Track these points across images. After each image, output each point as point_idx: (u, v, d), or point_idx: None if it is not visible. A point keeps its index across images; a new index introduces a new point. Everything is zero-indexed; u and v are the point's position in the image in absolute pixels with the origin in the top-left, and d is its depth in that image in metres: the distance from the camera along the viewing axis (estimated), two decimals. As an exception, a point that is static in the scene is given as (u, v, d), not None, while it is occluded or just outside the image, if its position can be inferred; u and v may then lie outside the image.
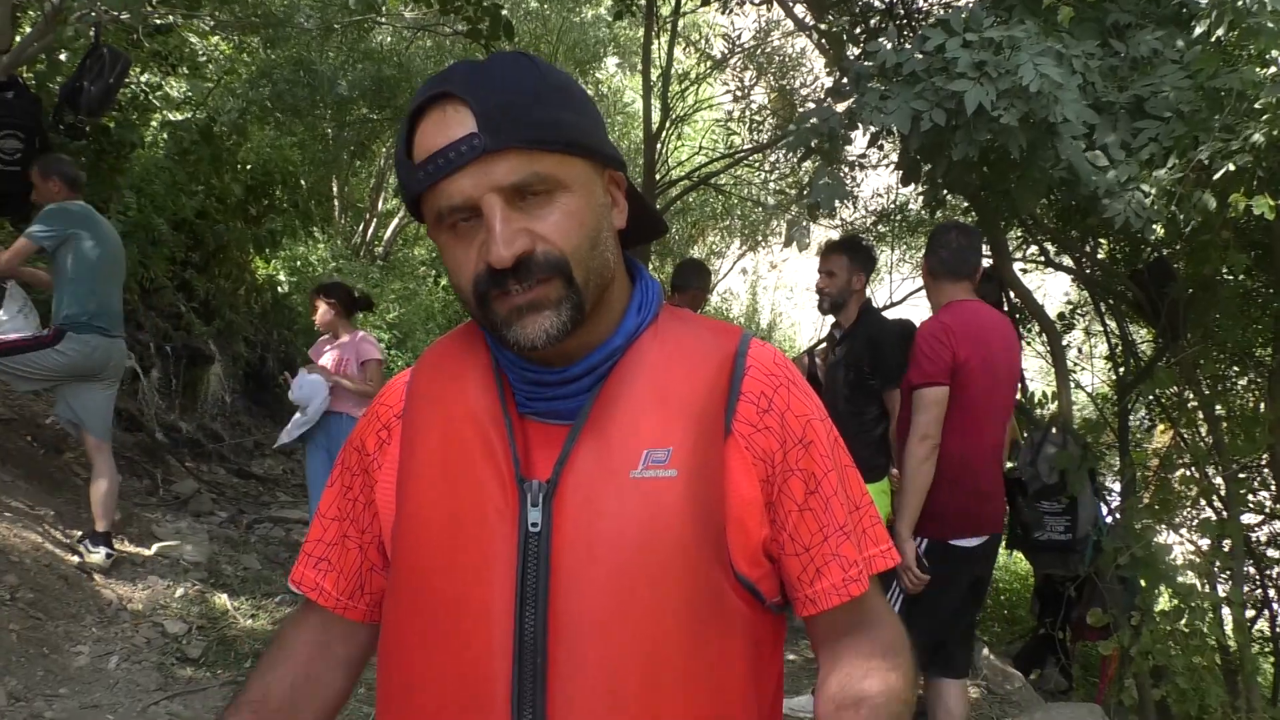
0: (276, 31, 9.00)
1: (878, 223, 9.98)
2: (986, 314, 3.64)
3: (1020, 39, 3.23)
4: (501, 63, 1.02)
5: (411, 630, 1.05)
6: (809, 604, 1.08)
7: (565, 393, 1.04)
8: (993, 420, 3.59)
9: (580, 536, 0.99)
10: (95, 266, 4.71)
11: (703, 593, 1.00)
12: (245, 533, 6.18)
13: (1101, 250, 6.25)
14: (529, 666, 0.97)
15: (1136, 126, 3.56)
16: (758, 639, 1.05)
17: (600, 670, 0.97)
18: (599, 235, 1.03)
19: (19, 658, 3.84)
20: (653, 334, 1.08)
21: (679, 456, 1.00)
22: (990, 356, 3.52)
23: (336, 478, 1.20)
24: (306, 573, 1.21)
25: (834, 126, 3.70)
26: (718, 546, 1.01)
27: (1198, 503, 6.29)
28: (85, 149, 6.96)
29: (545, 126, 0.99)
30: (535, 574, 0.98)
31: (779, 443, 1.05)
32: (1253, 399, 6.50)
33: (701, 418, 1.02)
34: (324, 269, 10.29)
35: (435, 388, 1.12)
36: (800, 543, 1.07)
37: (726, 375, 1.06)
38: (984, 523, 3.56)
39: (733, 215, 14.45)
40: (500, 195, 0.97)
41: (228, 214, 8.45)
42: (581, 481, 1.00)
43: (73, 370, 4.67)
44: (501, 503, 1.01)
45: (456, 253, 1.02)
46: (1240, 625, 5.04)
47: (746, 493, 1.03)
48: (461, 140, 0.97)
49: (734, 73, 11.94)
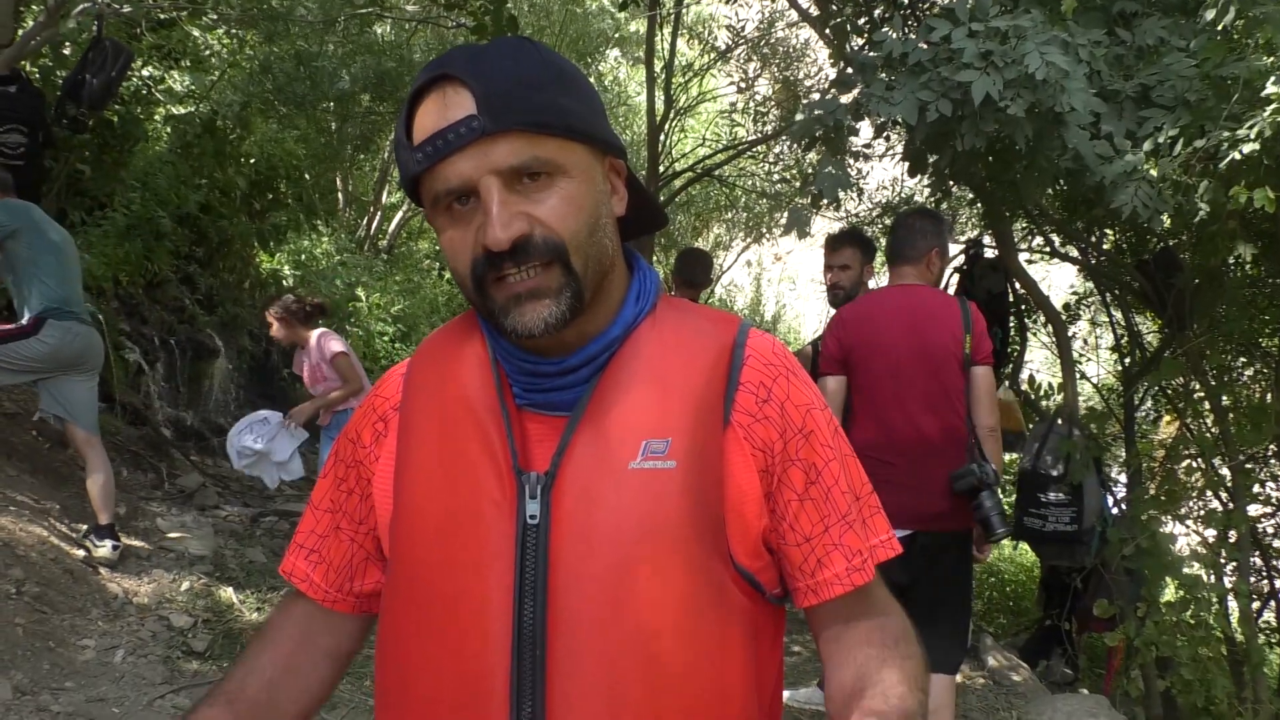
0: (275, 26, 8.97)
1: (883, 215, 9.94)
2: (895, 298, 3.57)
3: (1026, 28, 3.21)
4: (503, 47, 1.02)
5: (409, 624, 1.04)
6: (810, 594, 1.07)
7: (563, 384, 1.04)
8: (902, 408, 3.45)
9: (578, 528, 0.98)
10: (57, 256, 4.72)
11: (702, 584, 0.99)
12: (250, 526, 6.18)
13: (1107, 241, 6.22)
14: (528, 660, 0.96)
15: (1142, 115, 3.54)
16: (758, 630, 1.05)
17: (599, 663, 0.96)
18: (598, 221, 1.02)
19: (25, 651, 3.85)
20: (651, 324, 1.07)
21: (677, 447, 1.00)
22: (882, 343, 3.46)
23: (330, 469, 1.19)
24: (297, 563, 1.20)
25: (839, 117, 3.68)
26: (717, 538, 1.00)
27: (1204, 494, 6.27)
28: (88, 143, 6.96)
29: (546, 110, 0.98)
30: (534, 567, 0.98)
31: (779, 433, 1.05)
32: (1259, 389, 6.48)
33: (700, 408, 1.02)
34: (328, 262, 10.27)
35: (432, 379, 1.11)
36: (801, 533, 1.06)
37: (725, 365, 1.05)
38: (901, 517, 3.39)
39: (737, 207, 14.40)
40: (499, 178, 0.97)
41: (231, 208, 8.43)
42: (579, 473, 0.99)
43: (55, 358, 4.66)
44: (499, 495, 1.00)
45: (454, 236, 1.01)
46: (1247, 616, 5.03)
47: (746, 483, 1.03)
48: (461, 122, 0.96)
49: (738, 64, 11.90)
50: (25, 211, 4.74)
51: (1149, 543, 4.35)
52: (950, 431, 3.42)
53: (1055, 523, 4.33)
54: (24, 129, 5.46)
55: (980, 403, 3.42)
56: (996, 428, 3.42)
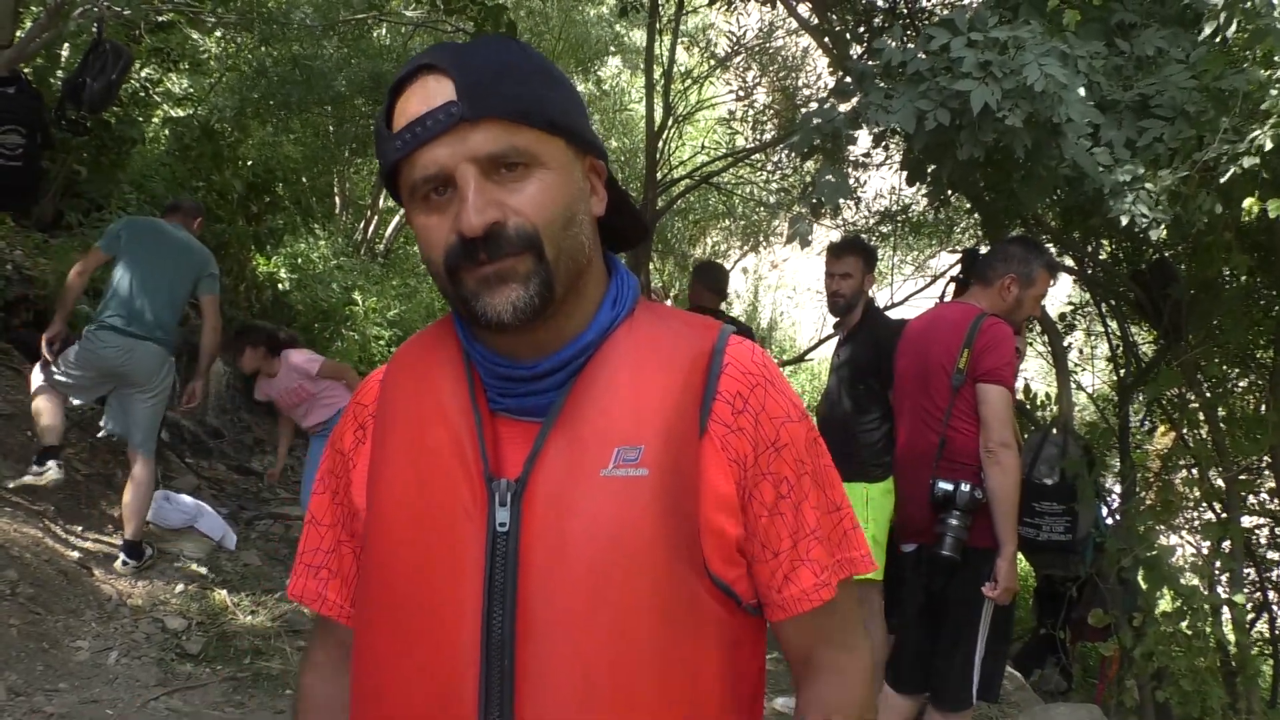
0: (269, 29, 8.96)
1: (880, 223, 9.95)
2: (930, 315, 3.69)
3: (1025, 39, 3.22)
4: (487, 42, 1.02)
5: (381, 632, 1.03)
6: (778, 609, 1.07)
7: (537, 389, 1.03)
8: (902, 423, 3.63)
9: (549, 536, 0.97)
10: (128, 268, 4.84)
11: (674, 594, 0.98)
12: (245, 529, 6.17)
13: (1103, 251, 6.23)
14: (496, 667, 0.96)
15: (1141, 126, 3.55)
16: (735, 640, 1.04)
17: (569, 671, 0.95)
18: (574, 216, 1.01)
19: (19, 652, 3.84)
20: (628, 329, 1.06)
21: (650, 455, 0.98)
22: (900, 360, 3.64)
23: (324, 483, 1.17)
24: (307, 584, 1.18)
25: (838, 126, 3.69)
26: (690, 547, 0.99)
27: (1199, 505, 6.28)
28: (86, 144, 6.95)
29: (526, 101, 0.98)
30: (503, 575, 0.97)
31: (751, 445, 1.03)
32: (1253, 401, 6.49)
33: (675, 417, 1.01)
34: (324, 266, 10.25)
35: (407, 384, 1.10)
36: (770, 548, 1.05)
37: (702, 373, 1.04)
38: (906, 530, 3.57)
39: (734, 215, 14.41)
40: (475, 165, 0.96)
41: (228, 211, 8.43)
42: (551, 480, 0.98)
43: (94, 366, 4.72)
44: (470, 502, 0.99)
45: (428, 224, 1.00)
46: (1241, 626, 5.03)
47: (722, 493, 1.02)
48: (440, 108, 0.96)
49: (736, 72, 11.92)
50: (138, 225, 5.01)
51: (1147, 553, 4.35)
52: (937, 447, 3.38)
53: (1050, 532, 4.32)
54: (23, 130, 5.45)
55: (982, 421, 3.28)
56: (998, 449, 3.22)
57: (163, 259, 4.91)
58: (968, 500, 3.23)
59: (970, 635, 3.31)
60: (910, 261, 13.19)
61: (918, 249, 12.71)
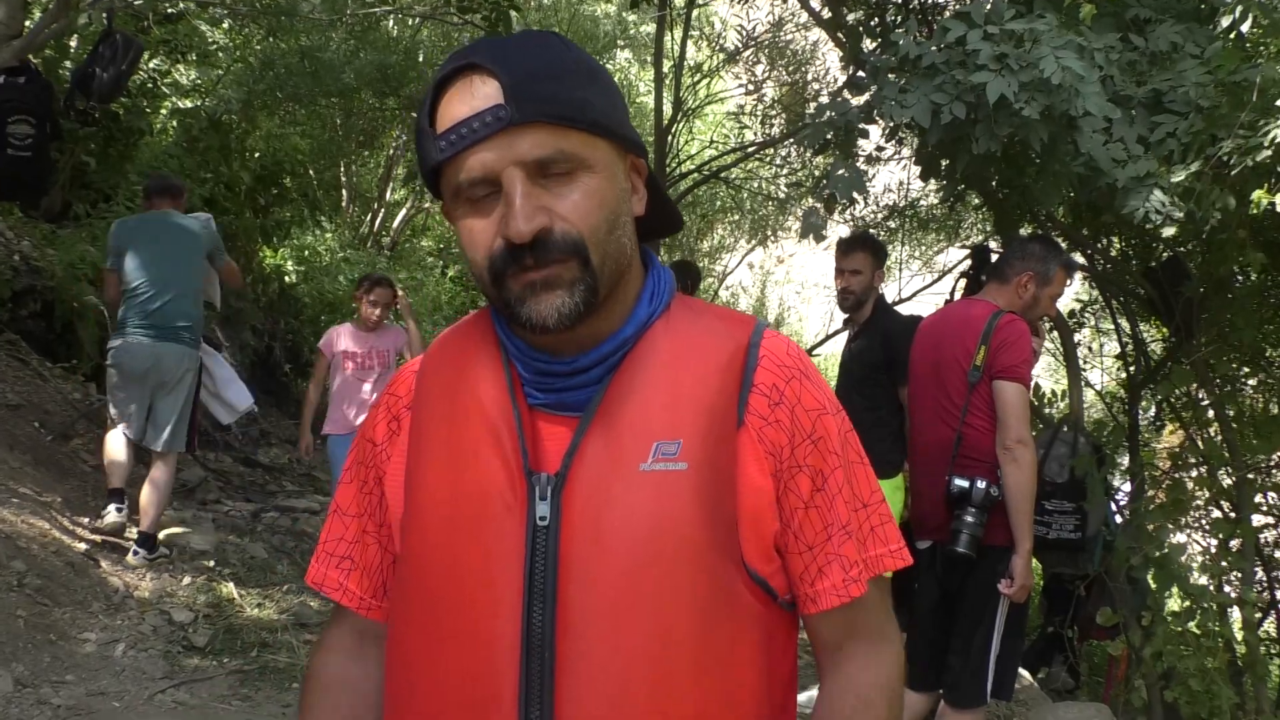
0: (278, 21, 8.96)
1: (889, 218, 9.93)
2: (945, 312, 3.71)
3: (1041, 31, 3.20)
4: (530, 39, 1.01)
5: (418, 625, 1.03)
6: (810, 603, 1.07)
7: (575, 384, 1.03)
8: (916, 420, 3.61)
9: (589, 530, 0.97)
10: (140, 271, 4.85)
11: (712, 587, 0.98)
12: (252, 521, 6.17)
13: (1114, 248, 6.21)
14: (536, 662, 0.95)
15: (1155, 121, 3.52)
16: (769, 634, 1.04)
17: (608, 665, 0.95)
18: (618, 219, 1.01)
19: (26, 644, 3.84)
20: (664, 324, 1.06)
21: (689, 449, 0.98)
22: (915, 357, 3.63)
23: (353, 473, 1.17)
24: (329, 573, 1.17)
25: (851, 120, 3.67)
26: (729, 541, 0.99)
27: (1208, 504, 6.25)
28: (94, 135, 6.95)
29: (573, 104, 0.97)
30: (543, 568, 0.97)
31: (788, 437, 1.03)
32: (1263, 399, 6.46)
33: (713, 410, 1.01)
34: (331, 258, 10.27)
35: (444, 378, 1.10)
36: (804, 541, 1.05)
37: (739, 367, 1.04)
38: (922, 527, 3.50)
39: (742, 209, 14.39)
40: (522, 169, 0.95)
41: (236, 202, 8.43)
42: (590, 474, 0.98)
43: (129, 374, 4.81)
44: (510, 496, 0.99)
45: (473, 225, 0.99)
46: (1250, 626, 5.01)
47: (759, 486, 1.02)
48: (487, 111, 0.95)
49: (746, 66, 11.89)
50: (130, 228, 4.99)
51: (1160, 552, 4.33)
52: (953, 443, 3.34)
53: (1059, 530, 4.30)
54: (32, 120, 5.45)
55: (999, 418, 3.24)
56: (1015, 446, 3.18)
57: (167, 253, 4.91)
58: (983, 497, 3.20)
59: (985, 633, 3.29)
60: (918, 257, 13.16)
61: (925, 244, 12.69)
